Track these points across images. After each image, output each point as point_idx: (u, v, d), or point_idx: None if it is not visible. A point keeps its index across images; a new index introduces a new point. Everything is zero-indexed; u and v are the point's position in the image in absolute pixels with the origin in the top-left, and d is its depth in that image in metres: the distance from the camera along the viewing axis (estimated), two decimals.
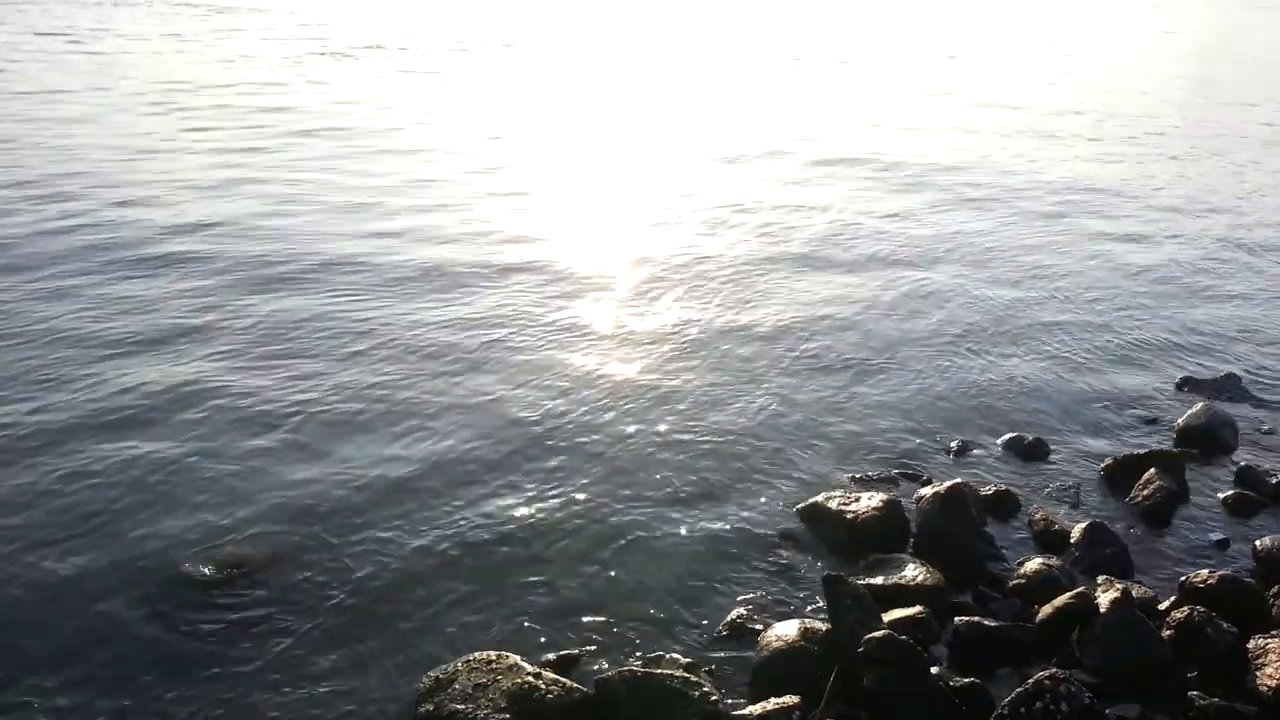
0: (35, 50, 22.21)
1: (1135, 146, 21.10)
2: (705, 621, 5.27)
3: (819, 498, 6.38)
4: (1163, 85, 34.69)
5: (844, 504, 6.24)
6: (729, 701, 4.56)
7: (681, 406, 7.64)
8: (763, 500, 6.49)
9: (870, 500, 6.23)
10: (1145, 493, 6.81)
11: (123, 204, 11.39)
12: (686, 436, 7.20)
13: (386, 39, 29.59)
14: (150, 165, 13.21)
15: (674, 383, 8.03)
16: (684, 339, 8.91)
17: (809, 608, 5.38)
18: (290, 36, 28.36)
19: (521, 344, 8.49)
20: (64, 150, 13.56)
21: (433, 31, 32.95)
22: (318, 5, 38.41)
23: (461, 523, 5.97)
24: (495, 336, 8.59)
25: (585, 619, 5.23)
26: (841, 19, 58.16)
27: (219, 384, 7.36)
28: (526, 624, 5.17)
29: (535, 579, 5.53)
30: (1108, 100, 28.43)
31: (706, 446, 7.09)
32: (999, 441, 7.55)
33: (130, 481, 6.09)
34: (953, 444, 7.44)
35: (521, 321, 8.95)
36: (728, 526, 6.16)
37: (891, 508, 6.19)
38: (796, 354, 8.81)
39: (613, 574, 5.62)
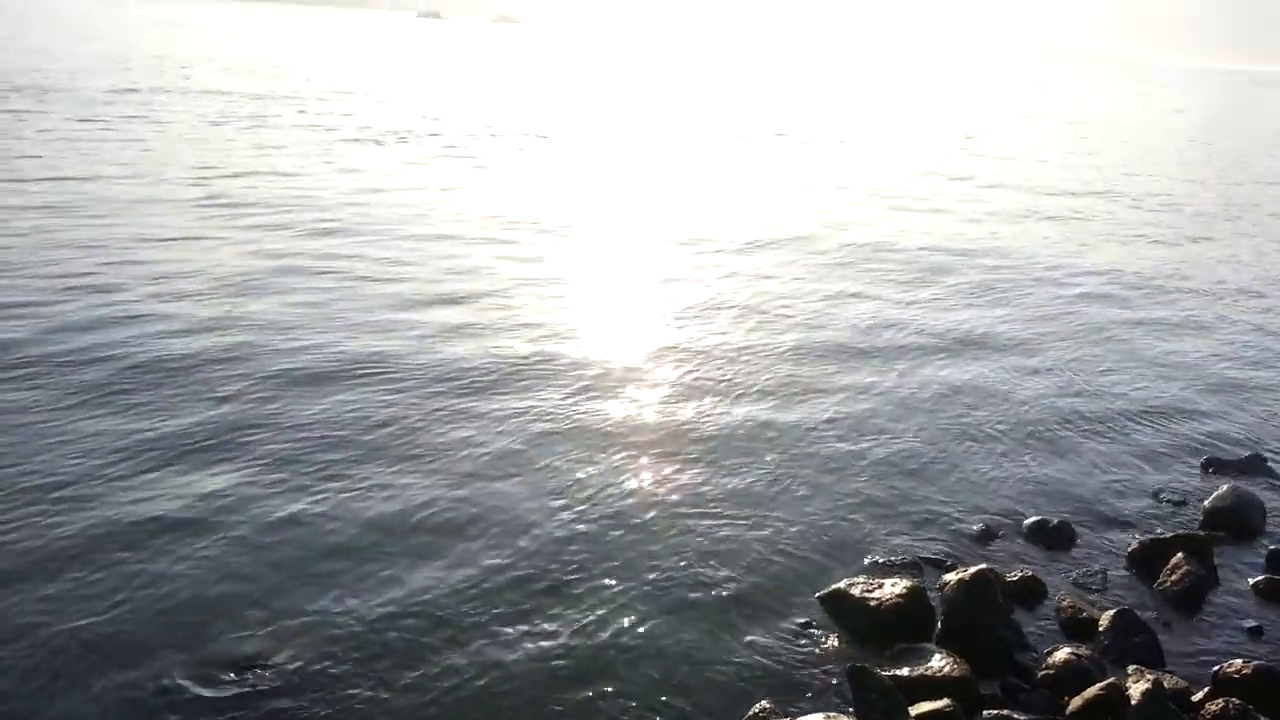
0: (71, 137, 22.83)
1: (1154, 228, 21.22)
2: (726, 713, 5.20)
3: (841, 584, 6.32)
4: (1180, 166, 35.01)
5: (867, 590, 6.18)
6: None
7: (701, 489, 7.63)
8: (784, 586, 6.44)
9: (894, 587, 6.16)
10: (1173, 578, 6.72)
11: (155, 297, 11.39)
12: (705, 520, 7.18)
13: (417, 126, 30.29)
14: (183, 255, 13.35)
15: (695, 464, 8.03)
16: (707, 423, 8.91)
17: (833, 700, 5.31)
18: (320, 124, 29.05)
19: (557, 438, 8.40)
20: (96, 240, 13.72)
21: (462, 118, 33.72)
22: (349, 94, 39.43)
23: (483, 613, 5.95)
24: (529, 433, 8.46)
25: (605, 711, 5.17)
26: (857, 100, 59.20)
27: (252, 488, 7.21)
28: (543, 714, 5.12)
29: (553, 665, 5.50)
30: (1126, 182, 28.69)
31: (725, 531, 7.05)
32: (1024, 525, 7.49)
33: (160, 592, 5.95)
34: (976, 527, 7.38)
35: (556, 416, 8.84)
36: (748, 614, 6.11)
37: (916, 595, 6.12)
38: (817, 437, 8.80)
39: (631, 663, 5.57)
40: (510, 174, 23.11)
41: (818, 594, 6.32)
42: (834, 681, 5.47)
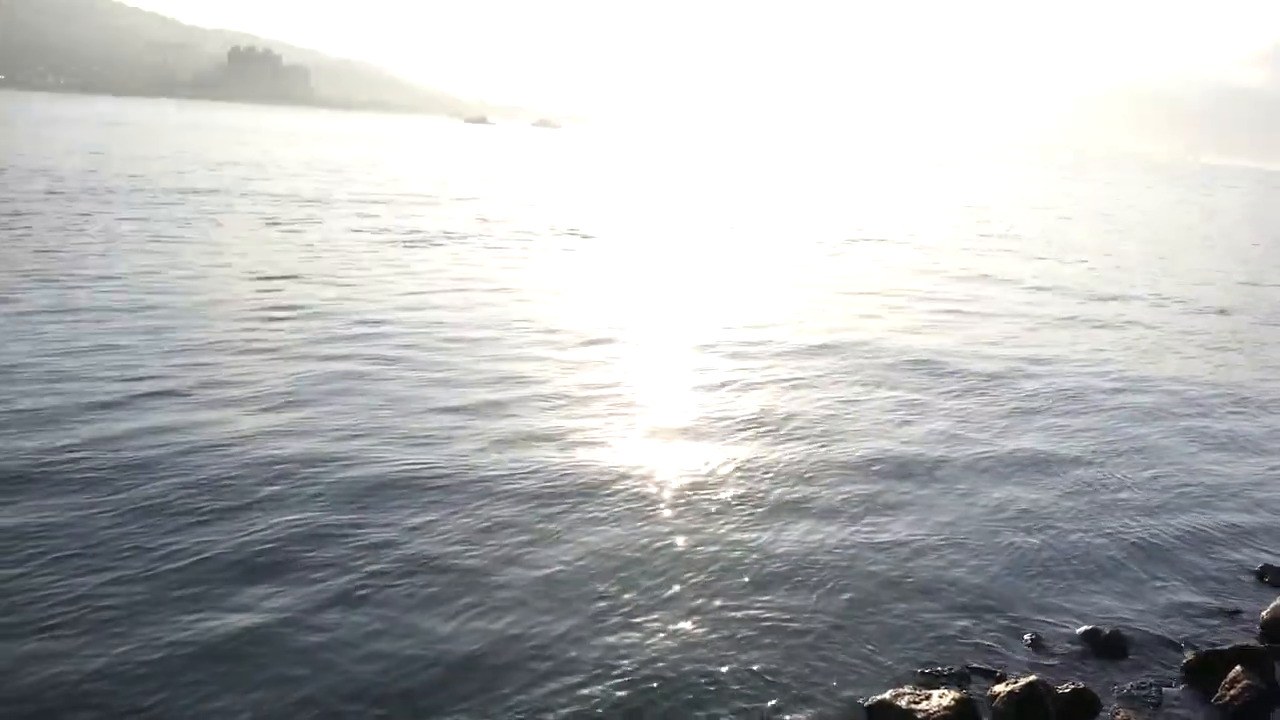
0: (132, 238, 23.66)
1: (1202, 335, 20.91)
2: None
3: (888, 694, 6.22)
4: (1227, 269, 34.83)
5: (914, 701, 6.08)
6: None
7: (748, 594, 7.59)
8: (829, 695, 6.35)
9: (942, 698, 6.05)
10: (1232, 692, 6.54)
11: (211, 404, 11.45)
12: (751, 625, 7.13)
13: (469, 228, 30.99)
14: (238, 360, 13.49)
15: (742, 570, 8.01)
16: (754, 531, 8.87)
17: None
18: (376, 226, 29.81)
19: (609, 548, 8.31)
20: (152, 344, 13.93)
21: (512, 219, 34.51)
22: (404, 197, 40.49)
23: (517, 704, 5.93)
24: (582, 545, 8.36)
25: None
26: (892, 199, 59.70)
27: (306, 605, 7.10)
28: None
29: None
30: (1172, 285, 28.49)
31: (769, 635, 7.00)
32: (1075, 634, 7.34)
33: (211, 710, 5.95)
34: (1026, 637, 7.26)
35: (609, 529, 8.74)
36: None
37: (964, 706, 6.01)
38: (863, 546, 8.69)
39: None
40: (560, 276, 23.43)
41: (864, 703, 6.22)
42: None
